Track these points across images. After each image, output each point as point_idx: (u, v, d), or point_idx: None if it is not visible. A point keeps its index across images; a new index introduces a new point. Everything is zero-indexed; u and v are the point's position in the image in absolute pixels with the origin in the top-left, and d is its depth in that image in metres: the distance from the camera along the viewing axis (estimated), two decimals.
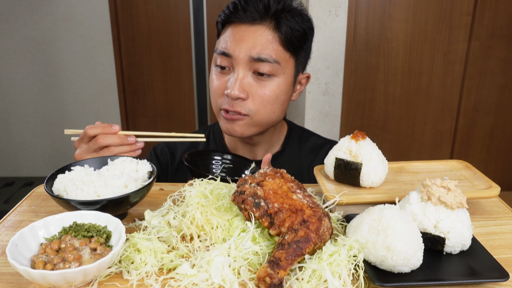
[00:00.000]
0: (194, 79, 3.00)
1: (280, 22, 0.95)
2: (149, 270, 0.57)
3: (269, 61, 0.95)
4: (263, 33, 0.95)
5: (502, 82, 2.48)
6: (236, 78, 0.95)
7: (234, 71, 0.96)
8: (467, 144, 2.61)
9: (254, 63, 0.94)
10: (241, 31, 0.95)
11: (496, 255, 0.61)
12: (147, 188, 0.70)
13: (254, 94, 0.96)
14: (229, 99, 0.96)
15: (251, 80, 0.96)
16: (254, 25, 0.95)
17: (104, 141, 0.83)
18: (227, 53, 0.95)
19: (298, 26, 0.97)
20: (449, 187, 0.62)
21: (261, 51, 0.94)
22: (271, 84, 0.97)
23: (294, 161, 1.14)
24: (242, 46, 0.94)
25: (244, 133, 1.01)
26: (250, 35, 0.94)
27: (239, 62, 0.95)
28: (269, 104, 0.98)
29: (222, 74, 0.98)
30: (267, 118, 1.00)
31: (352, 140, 0.75)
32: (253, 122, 0.99)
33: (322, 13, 2.20)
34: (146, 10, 2.82)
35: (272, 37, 0.95)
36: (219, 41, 1.00)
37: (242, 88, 0.94)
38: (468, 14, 2.34)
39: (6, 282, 0.57)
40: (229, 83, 0.96)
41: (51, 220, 0.62)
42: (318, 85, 2.35)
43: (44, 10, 2.84)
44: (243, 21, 0.96)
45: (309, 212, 0.60)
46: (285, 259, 0.55)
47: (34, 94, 3.04)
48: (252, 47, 0.94)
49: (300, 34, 0.98)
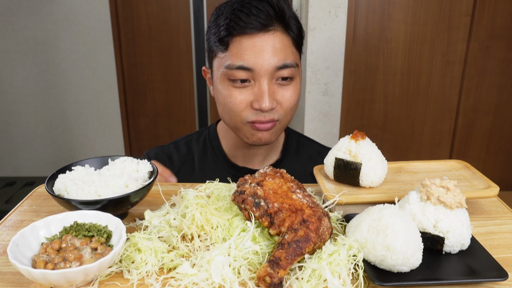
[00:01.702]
0: (194, 79, 3.01)
1: (289, 23, 0.94)
2: (150, 269, 0.58)
3: (292, 66, 0.93)
4: (279, 38, 0.92)
5: (501, 82, 2.49)
6: (264, 90, 0.91)
7: (256, 84, 0.92)
8: (466, 144, 2.62)
9: (278, 71, 0.92)
10: (258, 42, 0.90)
11: (495, 255, 0.61)
12: (147, 188, 0.71)
13: (282, 100, 0.95)
14: (259, 112, 0.94)
15: (276, 88, 0.94)
16: (268, 32, 0.91)
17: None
18: (247, 67, 0.90)
19: (298, 24, 0.98)
20: (448, 187, 0.62)
21: (284, 58, 0.92)
22: (293, 87, 0.96)
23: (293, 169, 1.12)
24: (264, 57, 0.89)
25: (273, 139, 1.01)
26: (269, 44, 0.90)
27: (263, 74, 0.91)
28: (294, 105, 0.99)
29: (241, 88, 0.93)
30: (290, 119, 1.02)
31: (351, 140, 0.75)
32: (281, 126, 1.00)
33: (321, 14, 2.20)
34: (147, 10, 2.82)
35: (287, 40, 0.93)
36: (230, 54, 0.92)
37: (272, 98, 0.92)
38: (467, 14, 2.34)
39: (7, 281, 0.58)
40: (259, 98, 0.92)
41: (52, 220, 0.62)
42: (317, 86, 2.36)
43: (45, 10, 2.84)
44: (255, 30, 0.90)
45: (309, 211, 0.60)
46: (285, 258, 0.55)
47: (35, 94, 3.05)
48: (274, 56, 0.90)
49: (302, 30, 0.99)
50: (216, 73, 0.97)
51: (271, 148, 1.13)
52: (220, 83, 0.96)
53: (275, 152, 1.15)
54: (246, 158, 1.12)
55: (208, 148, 1.14)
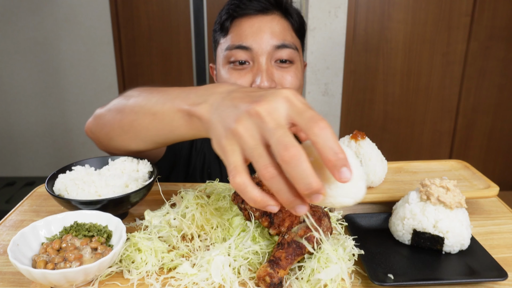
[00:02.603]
0: (194, 80, 3.00)
1: (288, 9, 0.98)
2: (150, 269, 0.58)
3: (291, 47, 0.96)
4: (278, 21, 0.96)
5: (501, 83, 2.49)
6: (262, 69, 0.93)
7: (255, 64, 0.95)
8: (466, 144, 2.62)
9: (276, 52, 0.94)
10: (257, 22, 0.95)
11: (494, 255, 0.61)
12: (147, 188, 0.71)
13: (282, 81, 0.97)
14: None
15: (275, 70, 0.96)
16: (268, 15, 0.96)
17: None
18: (246, 46, 0.93)
19: (299, 14, 1.03)
20: (448, 187, 0.62)
21: (283, 39, 0.95)
22: (293, 71, 0.98)
23: None
24: (262, 36, 0.93)
25: None
26: (267, 25, 0.95)
27: (261, 53, 0.93)
28: (297, 89, 0.99)
29: (241, 70, 0.96)
30: None
31: (351, 140, 0.75)
32: None
33: (321, 14, 2.20)
34: (147, 10, 2.82)
35: (286, 24, 0.98)
36: (230, 37, 0.97)
37: (271, 78, 0.94)
38: (467, 15, 2.34)
39: (8, 281, 0.58)
40: (256, 79, 0.93)
41: (52, 220, 0.62)
42: (317, 86, 2.36)
43: (45, 11, 2.84)
44: (254, 12, 0.96)
45: (308, 211, 0.61)
46: (285, 258, 0.55)
47: (35, 95, 3.05)
48: (272, 36, 0.94)
49: (303, 21, 1.03)
50: (219, 61, 1.01)
51: None
52: (222, 68, 0.99)
53: None
54: None
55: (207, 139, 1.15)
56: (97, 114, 0.80)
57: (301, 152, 0.43)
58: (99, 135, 0.79)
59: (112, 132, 0.76)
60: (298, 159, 0.43)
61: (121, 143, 0.76)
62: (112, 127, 0.75)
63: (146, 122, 0.69)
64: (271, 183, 0.45)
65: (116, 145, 0.77)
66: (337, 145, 0.44)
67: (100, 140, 0.80)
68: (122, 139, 0.75)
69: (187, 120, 0.61)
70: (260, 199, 0.46)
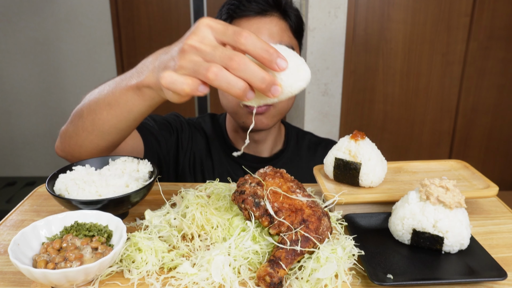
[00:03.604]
0: None
1: (287, 11, 0.99)
2: (150, 269, 0.58)
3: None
4: (276, 23, 0.97)
5: (500, 83, 2.49)
6: None
7: None
8: (465, 144, 2.62)
9: None
10: (255, 24, 0.96)
11: (494, 254, 0.61)
12: (148, 188, 0.71)
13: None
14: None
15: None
16: (266, 16, 0.97)
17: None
18: None
19: (298, 14, 1.03)
20: (447, 187, 0.62)
21: (280, 40, 0.96)
22: None
23: (294, 159, 1.15)
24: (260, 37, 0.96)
25: (269, 124, 1.03)
26: (265, 26, 0.96)
27: None
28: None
29: None
30: (286, 105, 1.03)
31: (351, 140, 0.76)
32: (277, 111, 1.02)
33: (321, 14, 2.20)
34: (147, 10, 2.82)
35: (284, 25, 0.98)
36: None
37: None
38: (467, 15, 2.34)
39: (8, 281, 0.58)
40: None
41: (53, 220, 0.62)
42: (317, 86, 2.36)
43: (46, 11, 2.84)
44: (253, 13, 0.96)
45: (308, 211, 0.61)
46: (285, 258, 0.55)
47: (35, 94, 3.05)
48: (270, 37, 0.95)
49: (301, 21, 1.04)
50: None
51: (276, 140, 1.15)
52: None
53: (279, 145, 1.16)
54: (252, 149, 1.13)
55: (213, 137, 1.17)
56: (61, 132, 0.84)
57: (244, 56, 0.50)
58: (69, 149, 0.82)
59: (79, 139, 0.79)
60: (245, 62, 0.50)
61: (90, 145, 0.78)
62: (77, 134, 0.79)
63: (105, 114, 0.73)
64: (220, 78, 0.50)
65: (87, 150, 0.80)
66: (265, 44, 0.51)
67: (72, 153, 0.83)
68: (90, 140, 0.78)
69: (139, 94, 0.66)
70: (191, 82, 0.51)
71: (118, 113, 0.71)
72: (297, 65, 0.55)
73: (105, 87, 0.75)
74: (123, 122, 0.73)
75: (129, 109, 0.70)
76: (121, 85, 0.69)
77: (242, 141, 1.13)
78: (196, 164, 1.12)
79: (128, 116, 0.71)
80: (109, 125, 0.74)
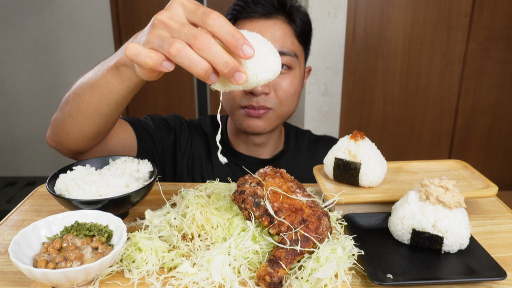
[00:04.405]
0: (194, 79, 3.01)
1: (292, 15, 0.98)
2: (150, 268, 0.58)
3: (289, 55, 0.97)
4: (280, 26, 0.97)
5: (500, 83, 2.50)
6: None
7: None
8: (465, 144, 2.62)
9: None
10: (258, 26, 0.96)
11: (493, 254, 0.62)
12: (148, 188, 0.71)
13: (277, 88, 0.97)
14: (251, 97, 0.97)
15: None
16: (270, 19, 0.96)
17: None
18: None
19: (305, 19, 1.02)
20: (447, 187, 0.62)
21: (282, 45, 0.96)
22: (290, 77, 0.99)
23: (294, 159, 1.15)
24: None
25: (267, 128, 1.02)
26: (268, 30, 0.95)
27: None
28: (291, 96, 1.00)
29: None
30: (287, 110, 1.03)
31: (351, 140, 0.76)
32: (276, 115, 1.01)
33: (321, 14, 2.21)
34: (147, 11, 2.83)
35: (288, 30, 0.98)
36: None
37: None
38: (466, 15, 2.35)
39: (9, 280, 0.58)
40: None
41: (53, 220, 0.62)
42: (317, 86, 2.36)
43: (46, 11, 2.84)
44: (257, 15, 0.96)
45: (308, 211, 0.61)
46: (285, 258, 0.55)
47: (36, 95, 3.05)
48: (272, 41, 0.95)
49: (309, 26, 1.03)
50: None
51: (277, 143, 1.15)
52: None
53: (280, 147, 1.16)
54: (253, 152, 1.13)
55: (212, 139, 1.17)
56: (51, 121, 0.85)
57: (210, 37, 0.49)
58: (57, 137, 0.83)
59: (65, 125, 0.80)
60: (209, 43, 0.49)
61: (76, 131, 0.79)
62: (64, 121, 0.80)
63: (87, 97, 0.74)
64: (182, 55, 0.49)
65: (73, 137, 0.81)
66: (232, 28, 0.50)
67: (60, 141, 0.84)
68: (75, 126, 0.79)
69: (117, 74, 0.68)
70: (154, 55, 0.51)
71: (99, 95, 0.72)
72: (266, 55, 0.54)
73: (90, 72, 0.76)
74: (104, 105, 0.74)
75: (109, 91, 0.71)
76: (103, 67, 0.71)
77: (242, 143, 1.12)
78: (195, 166, 1.11)
79: (109, 98, 0.72)
80: (92, 108, 0.75)
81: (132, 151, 0.98)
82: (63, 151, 0.87)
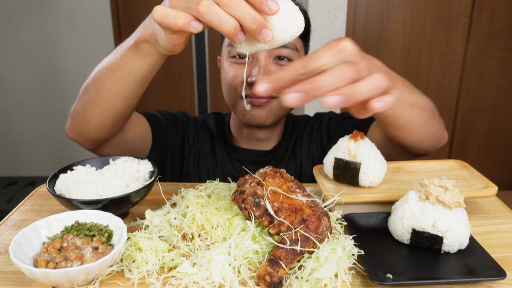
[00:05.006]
0: (194, 80, 3.01)
1: None
2: (150, 268, 0.58)
3: (290, 48, 0.99)
4: None
5: (499, 83, 2.50)
6: (260, 65, 0.97)
7: (254, 59, 0.98)
8: (464, 144, 2.63)
9: (275, 50, 0.98)
10: None
11: (493, 254, 0.62)
12: (148, 188, 0.71)
13: None
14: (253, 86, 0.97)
15: (272, 66, 0.99)
16: None
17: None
18: None
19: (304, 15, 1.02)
20: (446, 187, 0.62)
21: None
22: None
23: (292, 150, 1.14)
24: None
25: (269, 118, 1.03)
26: None
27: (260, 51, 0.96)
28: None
29: (241, 64, 1.00)
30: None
31: (351, 140, 0.76)
32: (277, 107, 1.02)
33: (321, 15, 2.21)
34: (148, 11, 2.79)
35: None
36: None
37: (267, 73, 0.97)
38: (466, 15, 2.35)
39: (9, 280, 0.58)
40: (253, 71, 0.97)
41: (53, 219, 0.62)
42: None
43: (46, 11, 2.84)
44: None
45: (308, 211, 0.61)
46: (285, 257, 0.55)
47: (36, 95, 3.05)
48: None
49: (308, 23, 1.04)
50: (223, 55, 1.05)
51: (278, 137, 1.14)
52: (225, 61, 1.04)
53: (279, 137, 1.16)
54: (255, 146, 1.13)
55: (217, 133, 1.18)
56: (71, 112, 0.85)
57: None
58: (78, 128, 0.83)
59: (86, 114, 0.79)
60: (236, 0, 0.49)
61: (97, 118, 0.79)
62: (84, 109, 0.79)
63: (108, 81, 0.74)
64: (211, 12, 0.50)
65: (94, 125, 0.80)
66: None
67: (80, 131, 0.83)
68: (96, 113, 0.78)
69: (137, 51, 0.68)
70: (183, 15, 0.51)
71: (120, 77, 0.72)
72: (289, 11, 0.54)
73: (107, 57, 0.76)
74: (125, 87, 0.74)
75: (129, 71, 0.71)
76: (122, 49, 0.71)
77: (245, 139, 1.13)
78: (201, 162, 1.12)
79: (129, 79, 0.72)
80: (112, 92, 0.74)
81: (147, 143, 0.99)
82: (83, 141, 0.86)
